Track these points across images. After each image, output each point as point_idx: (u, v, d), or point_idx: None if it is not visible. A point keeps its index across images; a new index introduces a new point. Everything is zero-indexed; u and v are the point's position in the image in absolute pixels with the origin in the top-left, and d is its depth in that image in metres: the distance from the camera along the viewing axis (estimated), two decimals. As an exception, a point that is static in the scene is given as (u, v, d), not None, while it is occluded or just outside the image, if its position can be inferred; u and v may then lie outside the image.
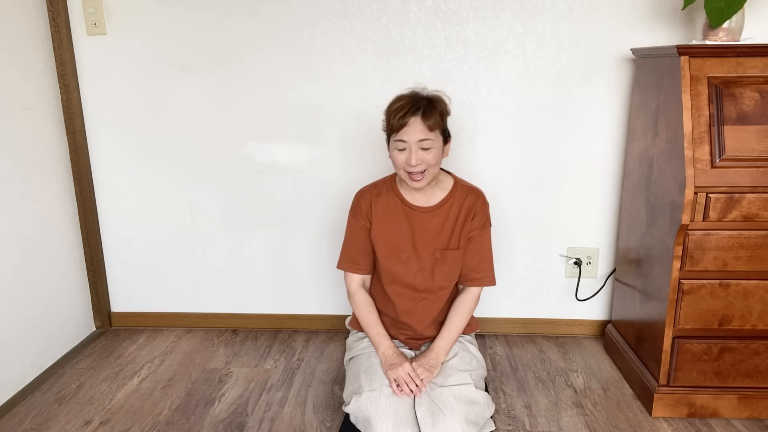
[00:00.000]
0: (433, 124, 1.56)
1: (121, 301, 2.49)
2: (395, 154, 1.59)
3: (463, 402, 1.53)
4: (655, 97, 1.85)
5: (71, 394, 2.00)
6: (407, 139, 1.55)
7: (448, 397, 1.52)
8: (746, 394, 1.80)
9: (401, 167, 1.59)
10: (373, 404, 1.51)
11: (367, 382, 1.57)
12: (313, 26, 2.15)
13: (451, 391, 1.54)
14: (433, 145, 1.57)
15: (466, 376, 1.60)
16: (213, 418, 1.86)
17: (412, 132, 1.55)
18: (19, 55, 2.03)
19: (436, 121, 1.57)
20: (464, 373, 1.61)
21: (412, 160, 1.55)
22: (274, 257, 2.40)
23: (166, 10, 2.16)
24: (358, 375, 1.62)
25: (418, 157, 1.55)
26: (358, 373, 1.63)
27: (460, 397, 1.53)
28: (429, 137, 1.55)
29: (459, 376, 1.60)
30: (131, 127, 2.29)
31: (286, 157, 2.28)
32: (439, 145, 1.59)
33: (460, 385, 1.56)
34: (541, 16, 2.10)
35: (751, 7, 1.98)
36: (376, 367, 1.62)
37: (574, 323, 2.39)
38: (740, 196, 1.65)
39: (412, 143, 1.55)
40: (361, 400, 1.53)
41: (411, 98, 1.58)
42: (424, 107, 1.56)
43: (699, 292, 1.73)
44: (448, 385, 1.56)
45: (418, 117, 1.55)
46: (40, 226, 2.13)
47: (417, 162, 1.55)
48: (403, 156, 1.57)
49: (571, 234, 2.30)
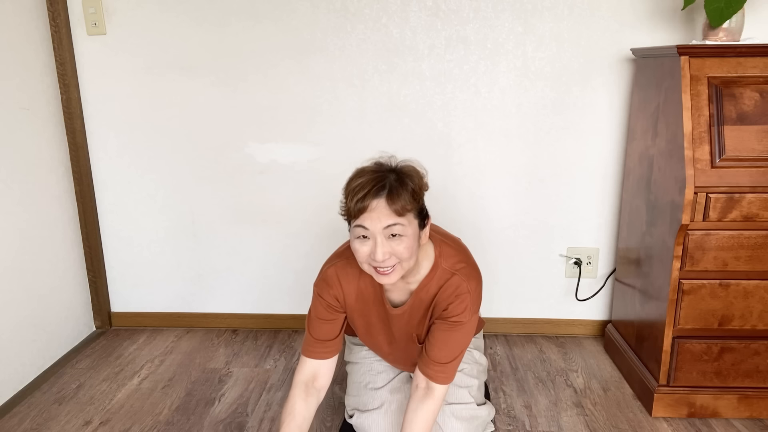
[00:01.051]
0: (402, 207, 1.22)
1: (121, 301, 2.49)
2: (356, 245, 1.26)
3: (464, 419, 1.51)
4: (655, 97, 1.85)
5: (71, 394, 2.00)
6: (370, 227, 1.22)
7: (449, 416, 1.50)
8: (746, 394, 1.80)
9: (364, 261, 1.27)
10: (375, 423, 1.51)
11: (369, 400, 1.57)
12: (313, 26, 2.15)
13: (452, 410, 1.52)
14: (404, 232, 1.23)
15: (466, 394, 1.56)
16: (213, 418, 1.86)
17: (375, 218, 1.21)
18: (19, 55, 2.03)
19: (406, 202, 1.22)
20: (464, 390, 1.57)
21: (377, 254, 1.22)
22: (274, 257, 2.40)
23: (166, 10, 2.16)
24: (360, 389, 1.61)
25: (385, 250, 1.23)
26: (360, 387, 1.62)
27: (460, 415, 1.52)
28: (398, 222, 1.22)
29: (459, 394, 1.56)
30: (131, 127, 2.29)
31: (286, 157, 2.28)
32: (413, 232, 1.25)
33: (461, 405, 1.54)
34: (541, 16, 2.10)
35: (751, 7, 1.98)
36: (378, 381, 1.61)
37: (574, 323, 2.39)
38: (740, 196, 1.65)
39: (376, 232, 1.22)
40: (363, 417, 1.54)
41: (373, 174, 1.25)
42: (390, 185, 1.22)
43: (699, 292, 1.73)
44: (449, 403, 1.53)
45: (382, 199, 1.21)
46: (40, 226, 2.13)
47: (384, 256, 1.23)
48: (366, 248, 1.24)
49: (571, 234, 2.30)
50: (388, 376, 1.63)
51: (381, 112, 2.21)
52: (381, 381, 1.61)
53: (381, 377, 1.62)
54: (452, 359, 1.36)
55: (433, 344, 1.37)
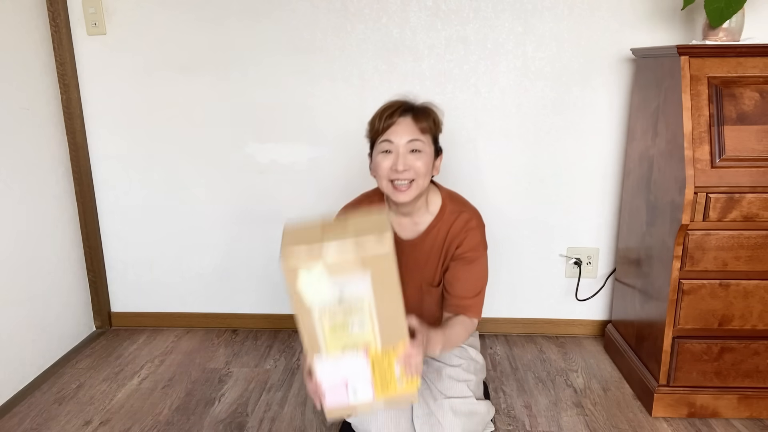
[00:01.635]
0: (426, 127, 1.39)
1: (121, 301, 2.49)
2: (379, 159, 1.39)
3: (463, 415, 1.51)
4: (655, 97, 1.85)
5: (71, 394, 2.00)
6: (394, 139, 1.37)
7: (447, 411, 1.49)
8: (746, 394, 1.80)
9: (385, 175, 1.39)
10: (374, 419, 1.50)
11: None
12: (313, 26, 2.15)
13: (451, 404, 1.51)
14: (423, 149, 1.38)
15: (464, 388, 1.56)
16: (213, 418, 1.86)
17: (400, 132, 1.37)
18: (19, 55, 2.03)
19: (429, 125, 1.40)
20: (463, 384, 1.56)
21: (399, 164, 1.35)
22: (274, 257, 2.40)
23: (166, 10, 2.16)
24: None
25: (406, 162, 1.36)
26: None
27: (459, 410, 1.51)
28: (420, 138, 1.37)
29: (458, 388, 1.55)
30: (131, 126, 2.29)
31: (286, 157, 2.28)
32: (429, 153, 1.40)
33: (460, 398, 1.53)
34: (541, 16, 2.10)
35: (751, 7, 1.98)
36: None
37: (574, 323, 2.39)
38: (740, 196, 1.65)
39: (399, 145, 1.37)
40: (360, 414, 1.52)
41: (401, 102, 1.43)
42: (416, 108, 1.41)
43: (699, 292, 1.73)
44: (448, 397, 1.53)
45: (408, 117, 1.39)
46: (40, 226, 2.13)
47: (404, 167, 1.35)
48: (388, 161, 1.37)
49: (571, 234, 2.30)
50: None
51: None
52: None
53: None
54: (478, 292, 1.46)
55: (455, 284, 1.46)
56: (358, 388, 1.16)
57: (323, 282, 1.03)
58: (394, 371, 1.15)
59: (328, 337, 1.10)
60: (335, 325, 1.09)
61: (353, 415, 1.31)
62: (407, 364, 1.15)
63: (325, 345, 1.11)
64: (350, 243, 1.01)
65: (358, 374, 1.15)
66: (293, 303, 1.06)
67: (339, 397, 1.17)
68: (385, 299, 1.07)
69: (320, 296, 1.05)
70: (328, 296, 1.05)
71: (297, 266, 1.02)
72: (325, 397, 1.17)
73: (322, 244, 1.01)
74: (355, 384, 1.16)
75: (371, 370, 1.15)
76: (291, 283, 1.03)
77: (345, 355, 1.13)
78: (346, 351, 1.12)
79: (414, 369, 1.15)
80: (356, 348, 1.12)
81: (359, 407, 1.19)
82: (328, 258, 1.01)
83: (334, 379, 1.15)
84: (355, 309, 1.07)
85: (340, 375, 1.15)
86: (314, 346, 1.11)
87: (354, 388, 1.17)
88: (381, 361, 1.14)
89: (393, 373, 1.16)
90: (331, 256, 1.01)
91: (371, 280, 1.04)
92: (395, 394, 1.18)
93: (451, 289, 1.48)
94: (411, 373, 1.16)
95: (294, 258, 1.02)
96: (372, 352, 1.13)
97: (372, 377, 1.16)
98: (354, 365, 1.14)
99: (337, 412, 1.20)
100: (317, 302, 1.06)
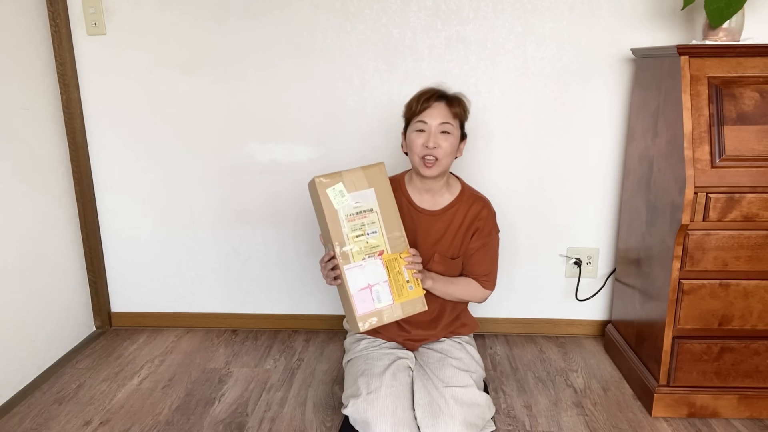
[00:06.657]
0: (457, 113, 1.59)
1: (121, 301, 2.49)
2: (413, 137, 1.59)
3: (464, 404, 1.52)
4: (655, 97, 1.85)
5: (71, 394, 2.00)
6: (429, 120, 1.57)
7: (449, 399, 1.52)
8: (746, 394, 1.80)
9: (417, 151, 1.58)
10: (371, 407, 1.50)
11: (364, 385, 1.56)
12: (313, 26, 2.15)
13: (452, 393, 1.53)
14: (452, 132, 1.58)
15: (467, 377, 1.59)
16: (213, 418, 1.86)
17: (435, 115, 1.57)
18: (19, 55, 2.03)
19: (459, 111, 1.60)
20: (465, 374, 1.60)
21: (430, 141, 1.55)
22: (274, 257, 2.40)
23: (166, 10, 2.16)
24: (356, 378, 1.61)
25: (437, 141, 1.56)
26: (356, 376, 1.62)
27: (460, 399, 1.53)
28: (450, 122, 1.57)
29: (460, 377, 1.58)
30: (131, 126, 2.29)
31: (286, 157, 2.28)
32: (456, 137, 1.60)
33: (461, 387, 1.56)
34: (541, 16, 2.10)
35: (751, 7, 1.98)
36: (374, 369, 1.61)
37: (574, 323, 2.39)
38: (740, 196, 1.65)
39: (432, 126, 1.56)
40: (358, 402, 1.52)
41: (436, 89, 1.62)
42: (449, 96, 1.60)
43: (699, 292, 1.73)
44: (449, 386, 1.55)
45: (442, 102, 1.58)
46: (40, 226, 2.13)
47: (434, 144, 1.55)
48: (421, 139, 1.57)
49: (571, 234, 2.30)
50: (384, 363, 1.62)
51: (381, 111, 2.21)
52: (378, 368, 1.61)
53: (378, 364, 1.62)
54: (492, 268, 1.72)
55: (474, 261, 1.69)
56: (380, 292, 1.49)
57: (345, 195, 1.46)
58: (404, 275, 1.50)
59: (352, 242, 1.47)
60: (356, 233, 1.47)
61: (379, 323, 1.49)
62: (413, 264, 1.50)
63: (351, 251, 1.47)
64: (359, 168, 1.49)
65: (378, 277, 1.49)
66: (323, 209, 1.45)
67: (366, 303, 1.48)
68: (387, 209, 1.50)
69: (343, 204, 1.46)
70: (349, 205, 1.46)
71: (325, 184, 1.45)
72: (356, 304, 1.46)
73: (341, 172, 1.48)
74: (377, 288, 1.49)
75: (387, 274, 1.49)
76: (322, 194, 1.45)
77: (366, 262, 1.48)
78: (367, 259, 1.48)
79: (417, 267, 1.50)
80: (374, 253, 1.49)
81: (384, 312, 1.48)
82: (345, 178, 1.47)
83: (361, 283, 1.47)
84: (369, 218, 1.48)
85: (365, 279, 1.48)
86: (339, 239, 1.46)
87: (377, 292, 1.49)
88: (393, 266, 1.50)
89: (403, 277, 1.50)
90: (347, 177, 1.47)
91: (375, 193, 1.49)
92: (408, 298, 1.50)
93: (471, 268, 1.70)
94: (416, 271, 1.50)
95: (323, 179, 1.45)
96: (385, 256, 1.49)
97: (389, 281, 1.49)
98: (374, 270, 1.48)
99: (367, 317, 1.47)
100: (342, 209, 1.46)
